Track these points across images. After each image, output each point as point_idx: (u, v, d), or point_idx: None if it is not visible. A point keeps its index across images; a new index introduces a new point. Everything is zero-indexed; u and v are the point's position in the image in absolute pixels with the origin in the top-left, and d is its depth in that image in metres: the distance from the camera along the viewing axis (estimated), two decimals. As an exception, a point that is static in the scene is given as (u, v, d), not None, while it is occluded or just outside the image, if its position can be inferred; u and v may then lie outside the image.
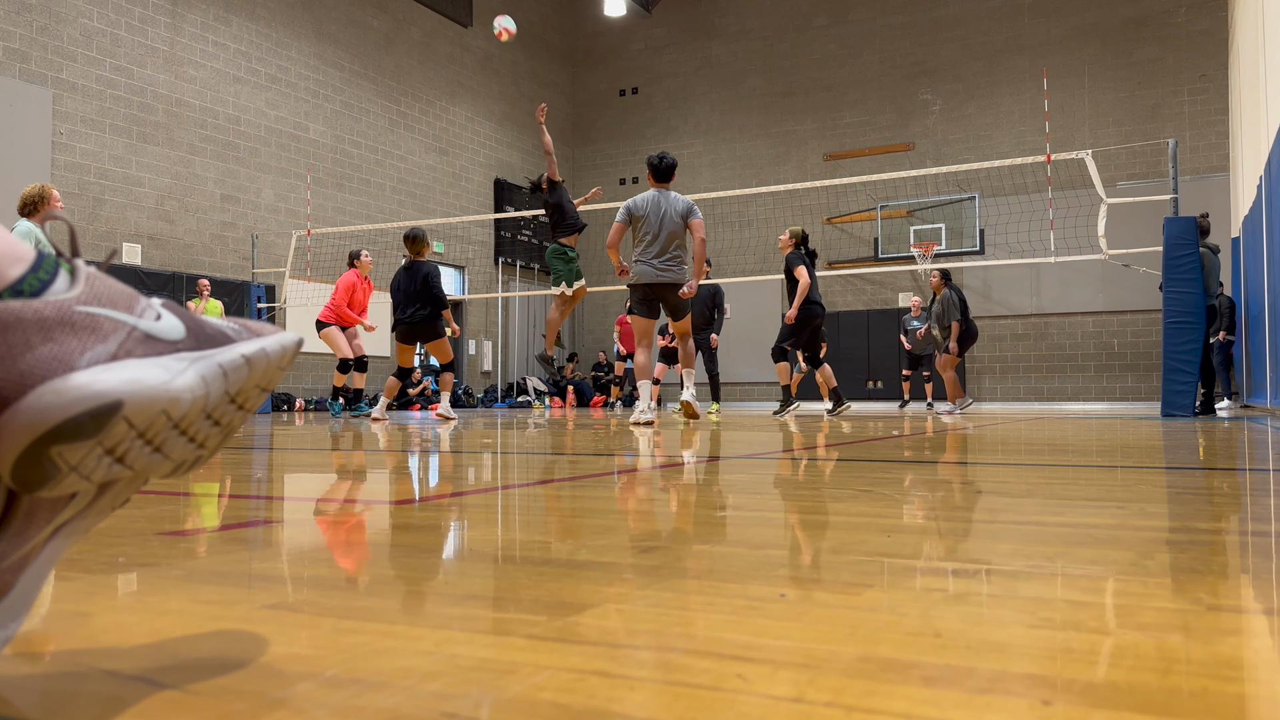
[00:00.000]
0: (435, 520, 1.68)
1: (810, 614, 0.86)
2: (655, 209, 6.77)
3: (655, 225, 6.75)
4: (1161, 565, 1.12)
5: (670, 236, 6.77)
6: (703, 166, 20.38)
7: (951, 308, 11.06)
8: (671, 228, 6.77)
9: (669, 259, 6.77)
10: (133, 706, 0.61)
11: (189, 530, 1.53)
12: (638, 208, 6.79)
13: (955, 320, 11.05)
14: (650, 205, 6.78)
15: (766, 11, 19.99)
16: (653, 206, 6.78)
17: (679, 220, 6.80)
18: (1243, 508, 1.78)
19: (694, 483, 2.36)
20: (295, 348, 0.72)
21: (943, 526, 1.50)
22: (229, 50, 14.29)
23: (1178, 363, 8.41)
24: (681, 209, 6.81)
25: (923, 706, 0.60)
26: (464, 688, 0.65)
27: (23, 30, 11.68)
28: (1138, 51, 16.95)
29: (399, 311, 8.12)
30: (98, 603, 0.95)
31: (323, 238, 15.18)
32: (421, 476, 2.69)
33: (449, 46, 18.50)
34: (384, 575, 1.13)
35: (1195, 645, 0.75)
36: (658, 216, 6.77)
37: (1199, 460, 2.99)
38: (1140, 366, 16.53)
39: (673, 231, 6.78)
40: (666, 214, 6.77)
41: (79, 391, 0.58)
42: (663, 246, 6.76)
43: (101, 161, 12.51)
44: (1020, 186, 16.65)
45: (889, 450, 3.58)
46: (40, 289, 0.59)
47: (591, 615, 0.86)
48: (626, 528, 1.51)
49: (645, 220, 6.79)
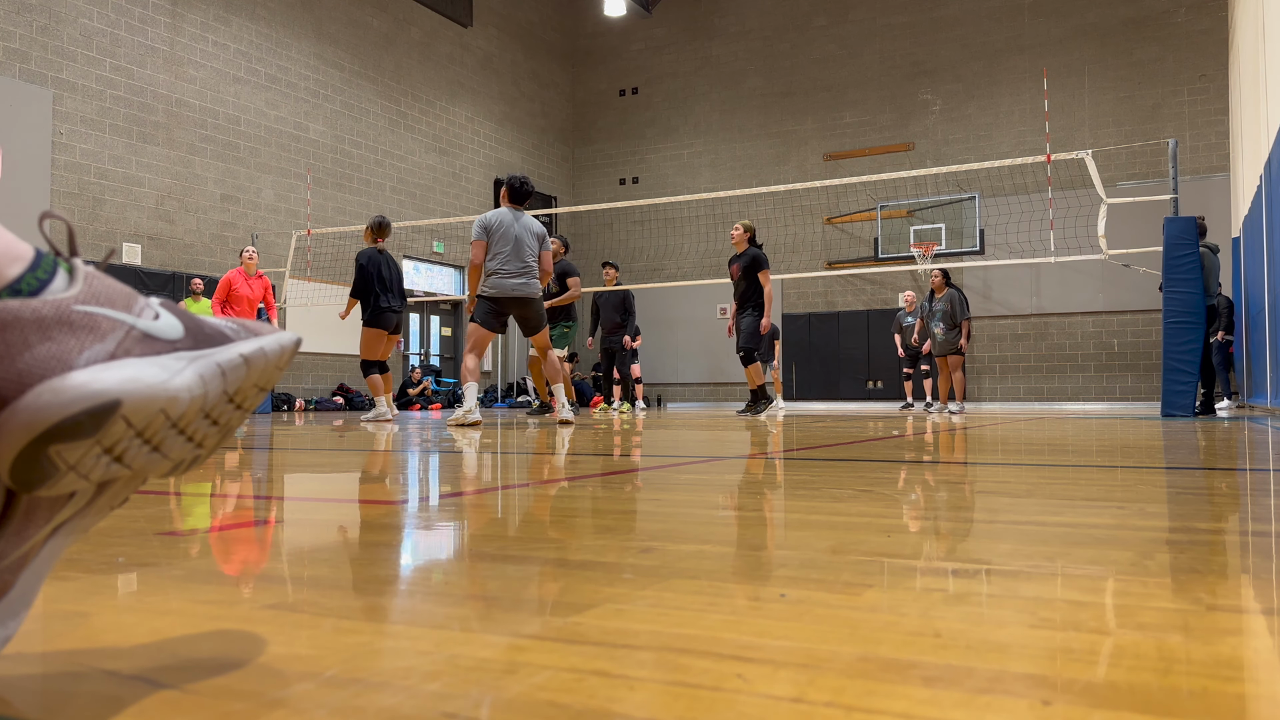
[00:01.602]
0: (435, 520, 1.68)
1: (810, 614, 0.86)
2: (510, 225, 6.84)
3: (510, 240, 6.81)
4: (1161, 565, 1.12)
5: (525, 253, 6.84)
6: (703, 166, 20.38)
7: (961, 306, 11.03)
8: (526, 242, 6.85)
9: (523, 273, 6.82)
10: (132, 706, 0.61)
11: (189, 530, 1.53)
12: (490, 223, 6.84)
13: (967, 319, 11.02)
14: (506, 222, 6.84)
15: (766, 11, 19.99)
16: (508, 223, 6.85)
17: (534, 242, 6.91)
18: (1243, 508, 1.78)
19: (694, 483, 2.36)
20: (294, 347, 0.72)
21: (943, 526, 1.50)
22: (229, 50, 14.29)
23: (1178, 363, 8.41)
24: (538, 231, 6.96)
25: (923, 706, 0.60)
26: (464, 688, 0.65)
27: (23, 30, 11.68)
28: (1138, 51, 16.95)
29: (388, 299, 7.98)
30: (97, 603, 0.94)
31: (323, 238, 15.18)
32: (421, 476, 2.69)
33: (449, 46, 18.50)
34: (384, 575, 1.13)
35: (1195, 645, 0.75)
36: (513, 233, 6.84)
37: (1199, 460, 2.99)
38: (1140, 366, 16.53)
39: (527, 245, 6.86)
40: (522, 233, 6.86)
41: (77, 391, 0.58)
42: (519, 262, 6.82)
43: (101, 161, 12.51)
44: (1020, 186, 16.65)
45: (889, 450, 3.58)
46: (38, 288, 0.59)
47: (591, 615, 0.86)
48: (627, 527, 1.51)
49: (501, 236, 6.83)
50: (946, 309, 11.14)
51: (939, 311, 11.27)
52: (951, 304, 11.10)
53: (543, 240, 6.97)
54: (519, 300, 6.83)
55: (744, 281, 9.25)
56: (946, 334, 11.19)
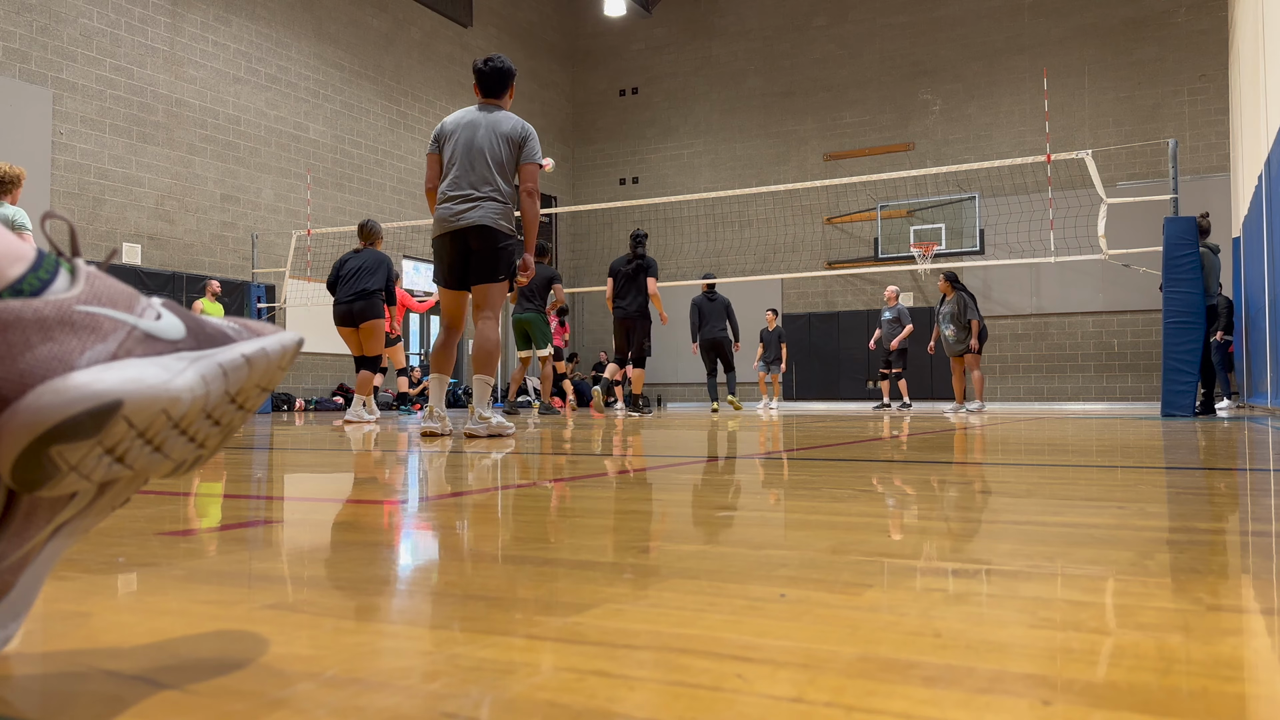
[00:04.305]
0: (435, 520, 1.68)
1: (810, 614, 0.86)
2: (469, 129, 4.76)
3: (462, 146, 4.74)
4: (1161, 565, 1.12)
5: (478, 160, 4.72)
6: (703, 166, 20.38)
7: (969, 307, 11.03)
8: (485, 149, 4.72)
9: (472, 198, 4.69)
10: (133, 706, 0.61)
11: (189, 530, 1.53)
12: (444, 128, 4.85)
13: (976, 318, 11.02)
14: (462, 123, 4.80)
15: (766, 11, 19.99)
16: (465, 124, 4.78)
17: (501, 148, 4.73)
18: (1243, 508, 1.78)
19: (693, 483, 2.36)
20: (296, 347, 0.72)
21: (943, 526, 1.50)
22: (229, 50, 14.29)
23: (1178, 363, 8.41)
24: (509, 131, 4.76)
25: (923, 706, 0.60)
26: (464, 688, 0.65)
27: (23, 30, 11.68)
28: (1138, 51, 16.95)
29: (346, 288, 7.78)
30: (98, 603, 0.95)
31: (323, 238, 15.18)
32: (421, 476, 2.69)
33: (449, 46, 18.50)
34: (384, 575, 1.13)
35: (1195, 645, 0.75)
36: (469, 138, 4.74)
37: (1199, 460, 2.99)
38: (1140, 366, 16.53)
39: (486, 157, 4.72)
40: (485, 138, 4.72)
41: (79, 391, 0.58)
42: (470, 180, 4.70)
43: (101, 161, 12.51)
44: (1020, 186, 16.65)
45: (889, 450, 3.58)
46: (40, 288, 0.59)
47: (591, 615, 0.86)
48: (626, 527, 1.51)
49: (451, 141, 4.79)
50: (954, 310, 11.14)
51: (946, 314, 11.26)
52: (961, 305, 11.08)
53: (523, 145, 4.77)
54: (465, 233, 4.70)
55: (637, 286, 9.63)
56: (956, 335, 11.17)
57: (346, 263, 7.84)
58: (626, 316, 9.65)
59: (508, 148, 4.74)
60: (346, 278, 7.77)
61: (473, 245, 4.71)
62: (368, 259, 7.82)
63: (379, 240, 8.06)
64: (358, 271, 7.76)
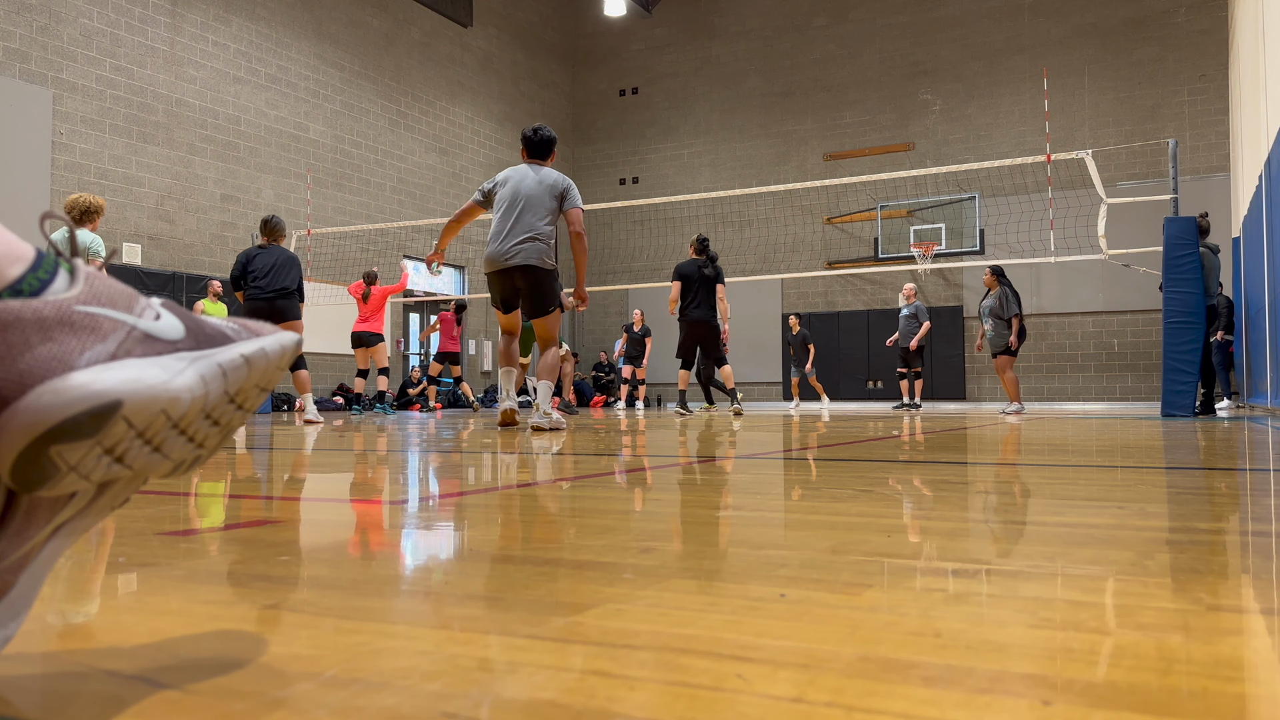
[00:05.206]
0: (436, 520, 1.68)
1: (810, 614, 0.86)
2: (518, 182, 5.68)
3: (507, 199, 5.65)
4: (1161, 565, 1.12)
5: (526, 209, 5.60)
6: (703, 166, 20.38)
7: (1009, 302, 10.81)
8: (532, 199, 5.62)
9: (516, 238, 5.58)
10: (133, 706, 0.61)
11: (189, 530, 1.53)
12: (495, 182, 5.79)
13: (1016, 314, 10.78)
14: (513, 179, 5.72)
15: (766, 11, 19.99)
16: (515, 180, 5.71)
17: (547, 199, 5.63)
18: (1243, 508, 1.78)
19: (693, 482, 2.36)
20: (295, 348, 0.72)
21: (943, 526, 1.50)
22: (229, 50, 14.29)
23: (1178, 363, 8.41)
24: (553, 183, 5.67)
25: (923, 706, 0.60)
26: (464, 688, 0.65)
27: (23, 30, 11.68)
28: (1138, 51, 16.95)
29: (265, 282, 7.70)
30: (98, 603, 0.95)
31: (323, 238, 15.18)
32: (421, 476, 2.69)
33: (449, 46, 18.50)
34: (384, 575, 1.13)
35: (1195, 645, 0.75)
36: (516, 189, 5.65)
37: (1199, 460, 2.99)
38: (1140, 366, 16.53)
39: (533, 204, 5.61)
40: (533, 189, 5.63)
41: (78, 391, 0.58)
42: (513, 225, 5.60)
43: (101, 161, 12.51)
44: (1020, 186, 16.65)
45: (889, 450, 3.58)
46: (40, 288, 0.59)
47: (591, 615, 0.86)
48: (626, 527, 1.51)
49: (502, 195, 5.70)
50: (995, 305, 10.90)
51: (988, 308, 11.02)
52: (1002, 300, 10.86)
53: (565, 196, 5.66)
54: (512, 271, 5.61)
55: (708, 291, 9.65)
56: (995, 328, 10.89)
57: (255, 258, 7.79)
58: (697, 322, 9.44)
59: (551, 198, 5.67)
60: (261, 274, 7.73)
61: (518, 281, 5.65)
62: (279, 256, 7.79)
63: (282, 237, 8.04)
64: (273, 268, 7.72)
